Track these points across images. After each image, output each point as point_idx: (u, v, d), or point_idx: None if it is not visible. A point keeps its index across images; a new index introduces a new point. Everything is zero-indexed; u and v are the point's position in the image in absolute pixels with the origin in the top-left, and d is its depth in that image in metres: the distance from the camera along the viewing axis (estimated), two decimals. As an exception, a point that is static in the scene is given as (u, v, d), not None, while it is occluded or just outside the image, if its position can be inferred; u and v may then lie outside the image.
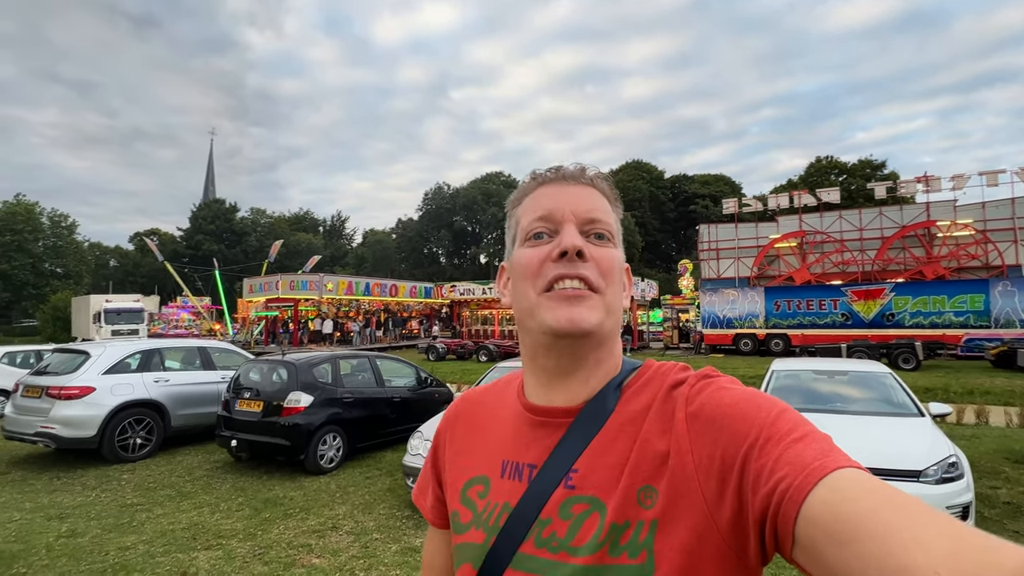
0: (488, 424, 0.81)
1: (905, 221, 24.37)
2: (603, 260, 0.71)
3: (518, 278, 0.74)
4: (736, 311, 24.38)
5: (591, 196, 0.74)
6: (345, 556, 4.39)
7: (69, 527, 5.06)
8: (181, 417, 8.02)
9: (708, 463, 0.59)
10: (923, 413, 5.25)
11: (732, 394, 0.63)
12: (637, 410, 0.68)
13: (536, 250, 0.72)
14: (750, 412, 0.60)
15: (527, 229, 0.74)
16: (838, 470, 0.50)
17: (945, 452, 4.43)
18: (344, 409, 7.15)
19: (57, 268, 53.78)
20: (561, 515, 0.66)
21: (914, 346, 18.26)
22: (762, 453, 0.55)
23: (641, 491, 0.62)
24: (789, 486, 0.51)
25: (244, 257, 57.66)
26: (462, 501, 0.77)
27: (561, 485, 0.67)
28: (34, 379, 7.66)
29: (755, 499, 0.54)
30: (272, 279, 30.89)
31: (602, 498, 0.64)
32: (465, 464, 0.80)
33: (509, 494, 0.71)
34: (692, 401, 0.65)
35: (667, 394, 0.68)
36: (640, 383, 0.72)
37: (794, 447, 0.54)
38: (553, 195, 0.74)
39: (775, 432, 0.56)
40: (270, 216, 74.21)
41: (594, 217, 0.72)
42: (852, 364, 6.48)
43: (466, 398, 0.89)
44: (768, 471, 0.53)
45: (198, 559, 4.34)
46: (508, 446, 0.75)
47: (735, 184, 63.84)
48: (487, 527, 0.71)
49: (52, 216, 54.76)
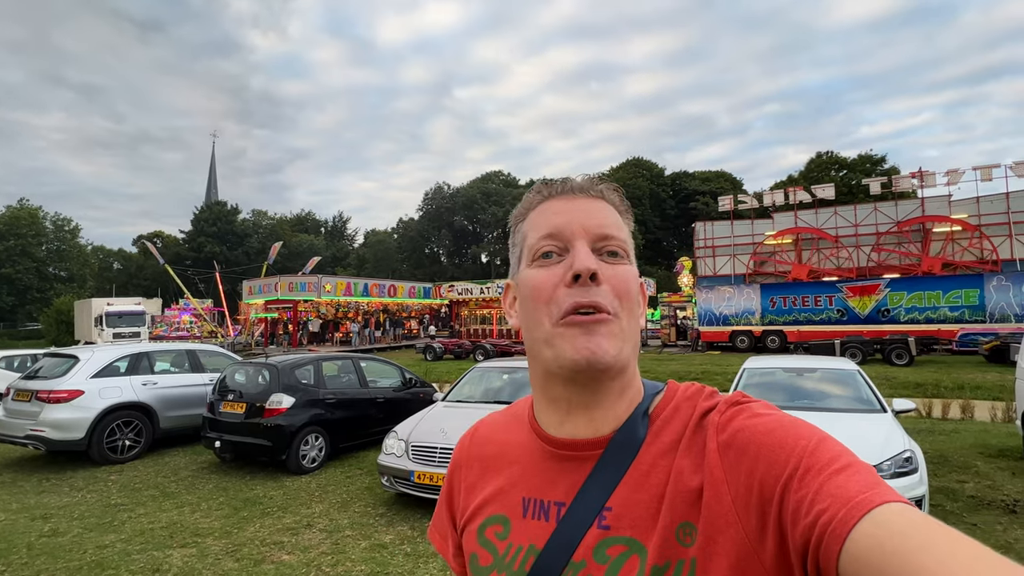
0: (501, 457, 0.76)
1: (900, 216, 24.35)
2: (618, 281, 0.66)
3: (529, 304, 0.68)
4: (732, 308, 24.45)
5: (602, 210, 0.70)
6: (315, 552, 4.52)
7: (52, 527, 5.21)
8: (169, 419, 8.17)
9: (746, 495, 0.56)
10: (885, 409, 5.34)
11: (766, 421, 0.60)
12: (669, 441, 0.65)
13: (547, 272, 0.67)
14: (788, 440, 0.57)
15: (535, 247, 0.69)
16: (884, 504, 0.48)
17: (900, 447, 4.53)
18: (327, 410, 7.28)
19: (61, 272, 54.38)
20: (597, 558, 0.61)
21: (907, 342, 18.29)
22: (802, 484, 0.52)
23: (680, 528, 0.59)
24: (832, 519, 0.48)
25: (246, 259, 58.00)
26: (480, 543, 0.72)
27: (594, 525, 0.63)
28: (24, 383, 7.82)
29: (795, 532, 0.51)
30: (272, 281, 31.15)
31: (640, 539, 0.60)
32: (481, 503, 0.74)
33: (534, 535, 0.66)
34: (724, 429, 0.61)
35: (698, 422, 0.64)
36: (669, 410, 0.68)
37: (836, 478, 0.51)
38: (562, 210, 0.69)
39: (815, 462, 0.53)
40: (272, 218, 74.60)
41: (607, 233, 0.68)
42: (822, 361, 6.57)
43: (476, 429, 0.84)
44: (809, 502, 0.51)
45: (172, 556, 4.47)
46: (528, 482, 0.70)
47: (736, 180, 63.68)
48: (511, 571, 0.66)
49: (55, 220, 55.35)
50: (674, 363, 19.62)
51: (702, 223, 29.88)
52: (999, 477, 6.07)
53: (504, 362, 7.70)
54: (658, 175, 62.50)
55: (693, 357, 22.31)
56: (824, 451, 0.55)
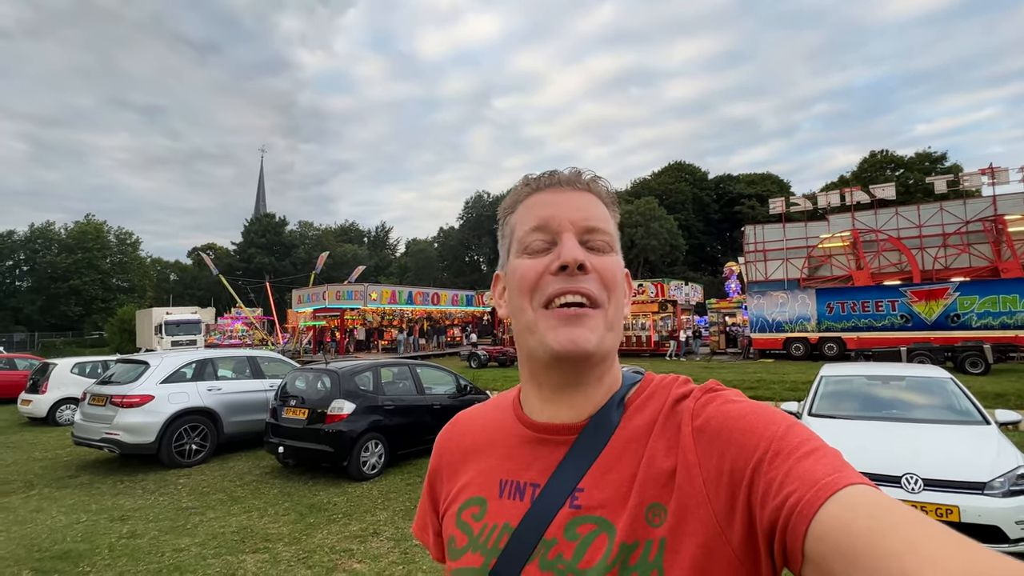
0: (482, 444, 0.78)
1: (969, 216, 22.94)
2: (605, 271, 0.69)
3: (515, 291, 0.71)
4: (786, 314, 23.51)
5: (589, 202, 0.72)
6: (385, 562, 4.46)
7: (130, 529, 5.34)
8: (233, 424, 8.36)
9: (717, 477, 0.58)
10: (988, 421, 4.91)
11: (739, 407, 0.63)
12: (642, 425, 0.67)
13: (534, 261, 0.69)
14: (758, 425, 0.59)
15: (523, 240, 0.71)
16: (849, 486, 0.50)
17: (1014, 463, 4.14)
18: (385, 416, 7.28)
19: (123, 283, 57.21)
20: (567, 536, 0.64)
21: (982, 348, 17.12)
22: (771, 467, 0.55)
23: (650, 509, 0.61)
24: (799, 501, 0.50)
25: (293, 269, 59.76)
26: (457, 525, 0.74)
27: (566, 504, 0.65)
28: (99, 388, 8.15)
29: (763, 513, 0.53)
30: (320, 290, 31.90)
31: (610, 518, 0.62)
32: (461, 487, 0.77)
33: (509, 514, 0.69)
34: (698, 415, 0.64)
35: (671, 408, 0.67)
36: (643, 397, 0.70)
37: (804, 462, 0.53)
38: (549, 203, 0.71)
39: (784, 446, 0.56)
40: (317, 229, 76.71)
41: (593, 226, 0.70)
42: (909, 369, 6.14)
43: (456, 421, 0.86)
44: (777, 485, 0.53)
45: (246, 562, 4.50)
46: (506, 465, 0.73)
47: (783, 183, 61.75)
48: (485, 550, 0.68)
49: (118, 234, 58.37)
50: (725, 371, 18.96)
51: (752, 226, 28.97)
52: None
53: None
54: (701, 179, 61.23)
55: (745, 365, 21.52)
56: (793, 436, 0.56)
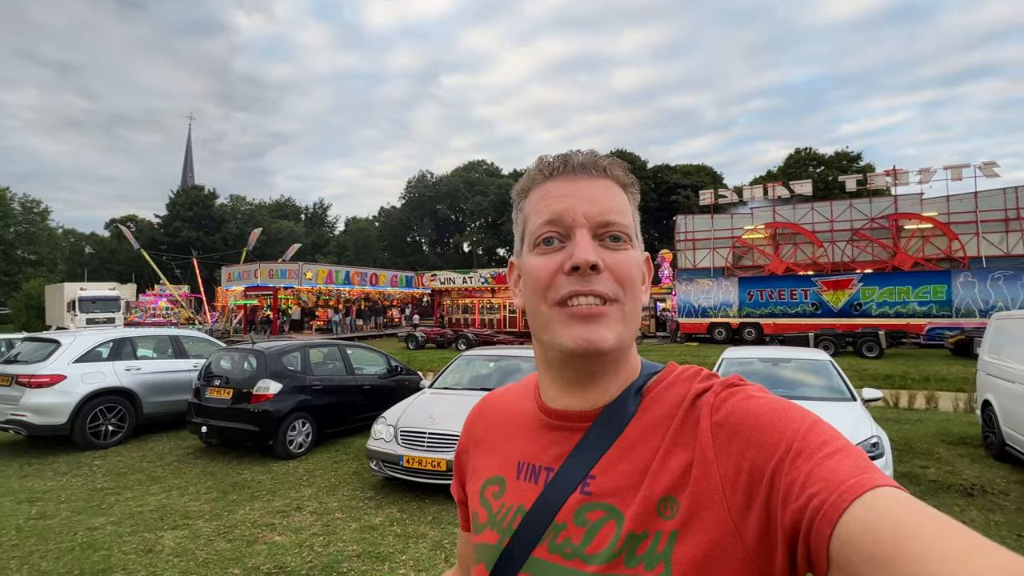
0: (506, 425, 0.81)
1: (874, 213, 25.00)
2: (620, 268, 0.67)
3: (529, 288, 0.71)
4: (711, 300, 24.95)
5: (604, 192, 0.69)
6: (306, 534, 4.62)
7: (39, 510, 5.22)
8: (153, 404, 8.15)
9: (735, 475, 0.57)
10: (855, 398, 5.62)
11: (759, 403, 0.61)
12: (659, 416, 0.67)
13: (547, 260, 0.68)
14: (780, 423, 0.57)
15: (536, 233, 0.70)
16: (876, 488, 0.48)
17: (868, 433, 4.80)
18: (313, 396, 7.35)
19: (30, 255, 52.79)
20: (576, 521, 0.65)
21: (878, 335, 18.91)
22: (793, 466, 0.53)
23: (662, 502, 0.60)
24: (823, 503, 0.49)
25: (223, 245, 57.00)
26: (480, 502, 0.77)
27: (577, 490, 0.66)
28: (4, 367, 7.72)
29: (785, 514, 0.52)
30: (251, 267, 30.73)
31: (619, 506, 0.63)
32: (484, 465, 0.80)
33: (524, 496, 0.71)
34: (718, 410, 0.63)
35: (692, 402, 0.66)
36: (661, 387, 0.70)
37: (827, 462, 0.52)
38: (563, 194, 0.69)
39: (807, 445, 0.54)
40: (250, 203, 73.24)
41: (608, 219, 0.68)
42: (797, 352, 6.84)
43: (486, 400, 0.89)
44: (800, 485, 0.52)
45: (164, 538, 4.54)
46: (524, 448, 0.75)
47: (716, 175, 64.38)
48: (501, 528, 0.71)
49: (24, 202, 53.63)
50: (653, 354, 19.96)
51: (683, 216, 30.25)
52: (959, 463, 6.42)
53: (490, 350, 7.83)
54: (640, 168, 62.87)
55: (672, 348, 22.73)
56: (816, 435, 0.55)
